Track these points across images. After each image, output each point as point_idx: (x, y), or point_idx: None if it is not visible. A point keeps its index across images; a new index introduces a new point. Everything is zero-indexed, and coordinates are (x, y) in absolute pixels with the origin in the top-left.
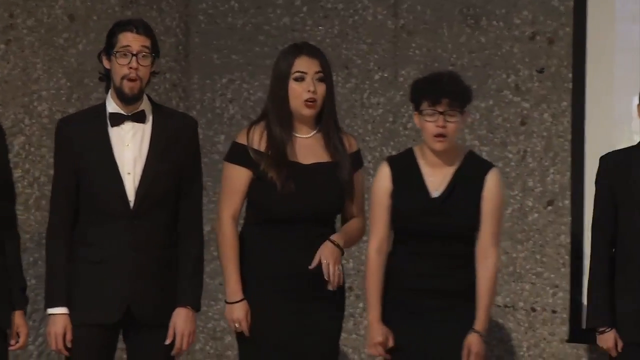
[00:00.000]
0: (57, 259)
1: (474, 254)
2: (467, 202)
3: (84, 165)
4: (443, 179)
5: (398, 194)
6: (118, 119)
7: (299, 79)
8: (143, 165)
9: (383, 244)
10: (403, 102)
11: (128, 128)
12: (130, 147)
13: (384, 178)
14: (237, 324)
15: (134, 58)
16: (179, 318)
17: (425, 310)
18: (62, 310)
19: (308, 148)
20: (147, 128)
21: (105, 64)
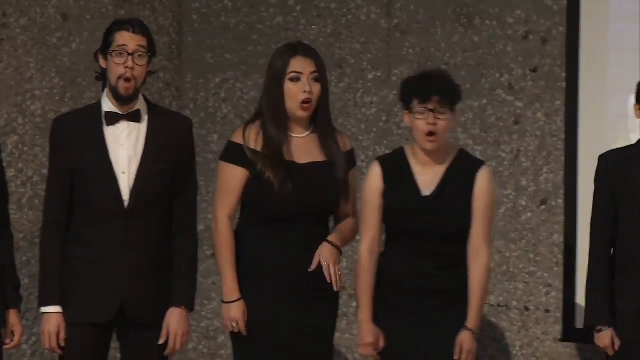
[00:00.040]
0: (51, 258)
1: (466, 253)
2: (458, 200)
3: (79, 165)
4: (434, 178)
5: (389, 193)
6: (113, 118)
7: (295, 79)
8: (138, 165)
9: (375, 244)
10: (396, 101)
11: (123, 127)
12: (126, 146)
13: (375, 177)
14: (234, 324)
15: (130, 57)
16: (173, 318)
17: (418, 310)
18: (55, 309)
19: (303, 147)
20: (142, 127)
21: (102, 63)
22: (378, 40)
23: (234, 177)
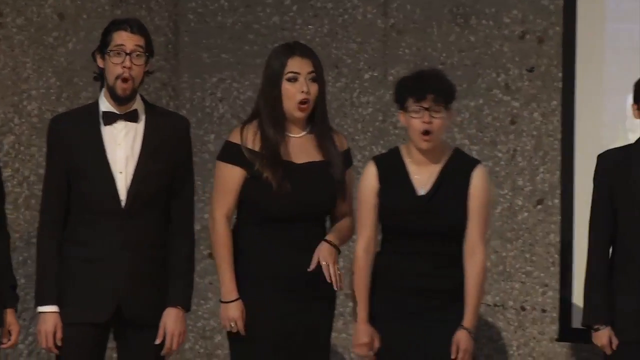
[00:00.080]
0: (48, 258)
1: (462, 252)
2: (453, 199)
3: (76, 164)
4: (429, 177)
5: (385, 193)
6: (111, 118)
7: (292, 80)
8: (135, 165)
9: (370, 244)
10: (393, 101)
11: (121, 127)
12: (123, 146)
13: (371, 177)
14: (232, 324)
15: (128, 57)
16: (169, 318)
17: (414, 310)
18: (52, 309)
19: (300, 147)
20: (139, 127)
21: (99, 63)
22: (374, 40)
23: (232, 177)
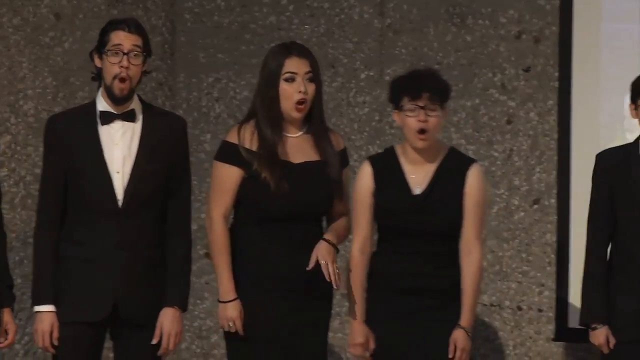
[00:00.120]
0: (44, 257)
1: (458, 251)
2: (449, 198)
3: (73, 164)
4: (425, 176)
5: (380, 193)
6: (108, 118)
7: (290, 80)
8: (132, 164)
9: (366, 244)
10: (388, 101)
11: (118, 127)
12: (120, 145)
13: (366, 177)
14: (230, 323)
15: (125, 57)
16: (166, 318)
17: (411, 309)
18: (49, 308)
19: (297, 147)
20: (137, 127)
21: (97, 63)
22: (371, 40)
23: (229, 176)
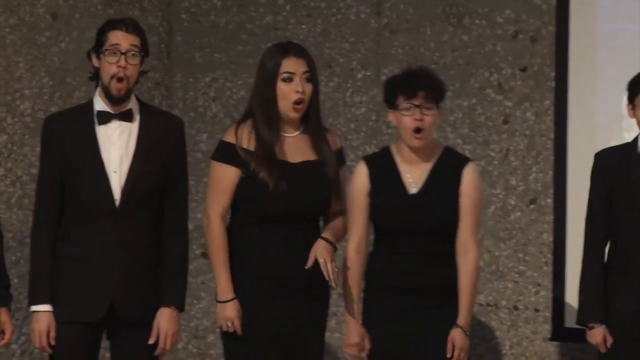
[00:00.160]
0: (41, 257)
1: (455, 251)
2: (444, 197)
3: (70, 164)
4: (420, 176)
5: (376, 193)
6: (105, 117)
7: (287, 80)
8: (129, 164)
9: (361, 244)
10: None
11: (115, 126)
12: (117, 145)
13: (362, 177)
14: (229, 323)
15: (123, 57)
16: (163, 318)
17: (407, 309)
18: (45, 308)
19: (295, 147)
20: (134, 127)
21: (95, 62)
22: (367, 40)
23: (227, 176)
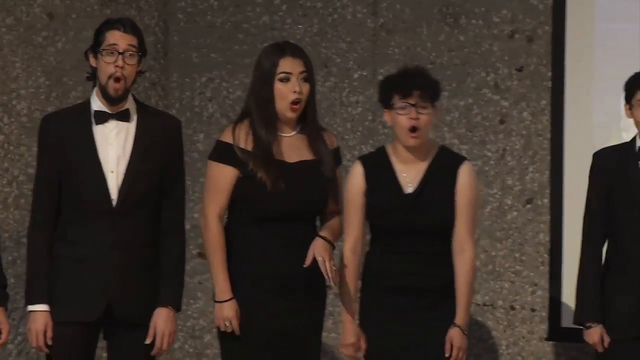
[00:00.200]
0: (38, 257)
1: (451, 250)
2: (440, 197)
3: (67, 163)
4: (416, 175)
5: (372, 192)
6: (103, 117)
7: (285, 80)
8: (126, 164)
9: (357, 244)
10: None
11: (112, 126)
12: (114, 145)
13: (357, 177)
14: (227, 323)
15: (121, 57)
16: (160, 318)
17: (404, 309)
18: (42, 308)
19: (292, 146)
20: (131, 127)
21: (92, 62)
22: (364, 40)
23: (224, 176)
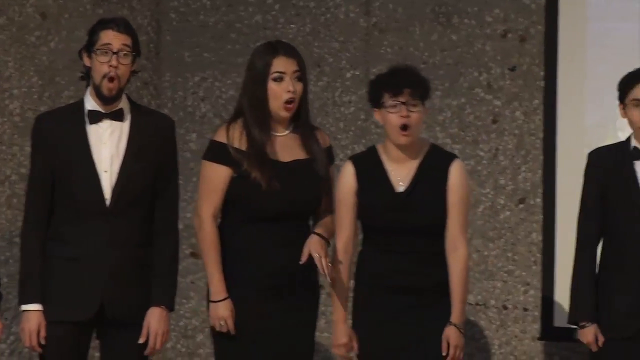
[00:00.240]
0: (31, 256)
1: (444, 249)
2: (432, 195)
3: (61, 163)
4: (407, 174)
5: (363, 192)
6: (96, 117)
7: (278, 79)
8: (120, 164)
9: (349, 243)
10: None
11: (106, 126)
12: (108, 145)
13: (348, 176)
14: (222, 322)
15: (115, 56)
16: (153, 317)
17: (398, 309)
18: (36, 307)
19: (285, 146)
20: (125, 126)
21: (86, 62)
22: (356, 39)
23: (218, 176)
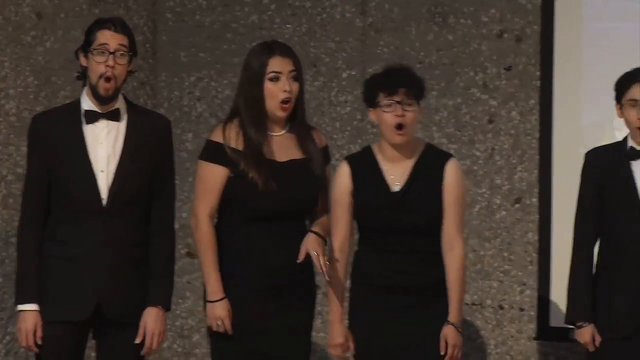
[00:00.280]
0: (28, 256)
1: (441, 248)
2: (427, 194)
3: (57, 162)
4: (403, 173)
5: (359, 192)
6: (93, 117)
7: (274, 79)
8: (117, 164)
9: (345, 243)
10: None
11: (102, 126)
12: (104, 145)
13: (344, 176)
14: (219, 322)
15: (111, 56)
16: (150, 317)
17: (395, 308)
18: (32, 307)
19: (281, 145)
20: (121, 126)
21: (82, 62)
22: (352, 39)
23: (215, 176)
